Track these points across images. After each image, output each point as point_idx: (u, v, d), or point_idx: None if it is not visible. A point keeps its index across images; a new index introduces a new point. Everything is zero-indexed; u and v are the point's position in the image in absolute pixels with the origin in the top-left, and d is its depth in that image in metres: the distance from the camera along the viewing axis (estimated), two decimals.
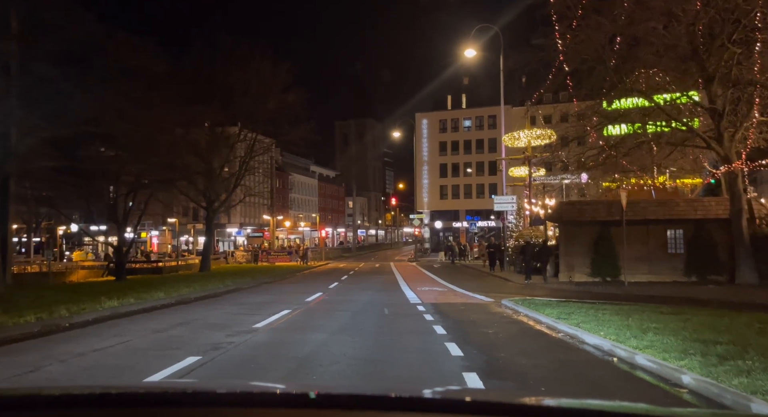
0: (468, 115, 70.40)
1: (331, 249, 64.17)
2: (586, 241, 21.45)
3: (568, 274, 21.81)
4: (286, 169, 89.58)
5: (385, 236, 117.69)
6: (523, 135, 28.02)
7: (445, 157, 70.76)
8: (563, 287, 19.75)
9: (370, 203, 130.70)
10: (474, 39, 32.56)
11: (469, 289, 18.23)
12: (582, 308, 11.14)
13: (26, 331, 8.92)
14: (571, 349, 7.80)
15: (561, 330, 9.00)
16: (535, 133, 27.69)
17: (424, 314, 11.61)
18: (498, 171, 66.92)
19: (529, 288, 19.73)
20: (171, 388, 1.81)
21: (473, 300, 15.08)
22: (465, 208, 69.30)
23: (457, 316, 11.54)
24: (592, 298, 14.27)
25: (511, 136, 28.52)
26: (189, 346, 7.89)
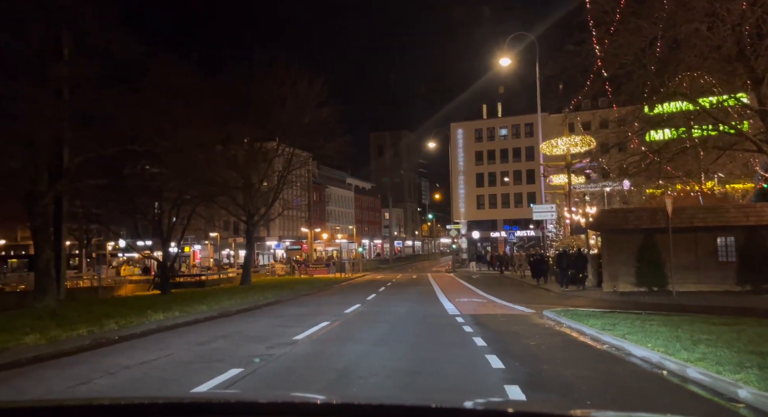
0: (504, 124, 69.72)
1: (368, 260, 64.29)
2: (629, 250, 20.81)
3: (612, 284, 21.18)
4: (322, 182, 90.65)
5: (422, 247, 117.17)
6: (561, 142, 27.53)
7: (481, 166, 70.17)
8: (607, 297, 19.18)
9: (406, 214, 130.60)
10: (509, 48, 32.36)
11: (509, 299, 17.91)
12: (627, 319, 10.77)
13: (78, 345, 9.24)
14: (617, 361, 7.54)
15: (606, 341, 8.72)
16: (574, 140, 27.15)
17: (463, 326, 11.46)
18: (539, 178, 65.97)
19: (570, 298, 19.23)
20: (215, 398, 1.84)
21: (514, 311, 14.80)
22: (503, 217, 68.38)
23: (498, 327, 11.34)
24: (637, 309, 13.79)
25: (548, 144, 28.06)
26: (231, 358, 8.01)
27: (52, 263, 18.01)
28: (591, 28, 19.05)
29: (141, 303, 17.18)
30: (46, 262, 17.38)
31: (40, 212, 16.88)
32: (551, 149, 28.57)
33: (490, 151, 69.83)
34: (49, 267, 17.52)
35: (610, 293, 20.50)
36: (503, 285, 26.73)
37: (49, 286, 17.33)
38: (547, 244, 29.92)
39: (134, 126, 19.19)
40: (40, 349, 8.66)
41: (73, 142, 17.75)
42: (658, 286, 20.03)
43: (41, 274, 17.41)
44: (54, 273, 18.16)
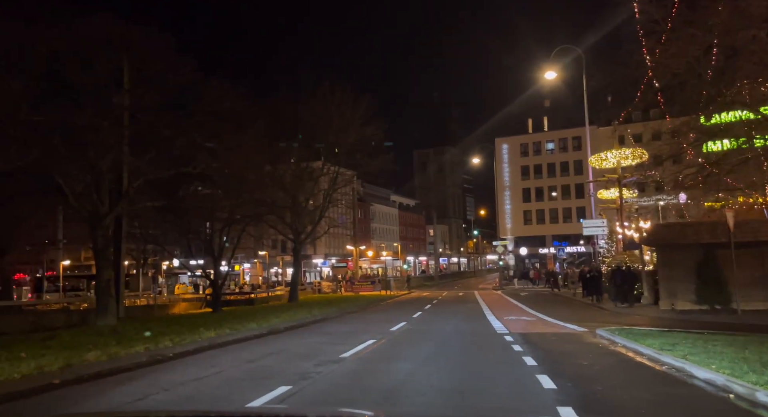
0: (550, 138, 68.53)
1: (413, 278, 64.00)
2: (687, 266, 19.87)
3: (670, 302, 20.24)
4: (366, 199, 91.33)
5: (468, 264, 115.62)
6: (611, 156, 26.76)
7: (527, 181, 69.02)
8: (665, 316, 18.33)
9: (451, 230, 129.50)
10: (554, 61, 31.96)
11: (560, 318, 17.39)
12: (688, 338, 10.25)
13: (136, 361, 9.59)
14: (677, 383, 7.17)
15: (665, 362, 8.32)
16: (625, 153, 26.34)
17: (513, 344, 11.20)
18: (587, 195, 64.22)
19: (625, 316, 18.50)
20: (265, 412, 1.88)
21: (565, 329, 14.35)
22: (551, 233, 66.80)
23: (548, 346, 11.02)
24: (699, 328, 13.10)
25: (597, 157, 27.32)
26: (279, 376, 8.11)
27: (112, 282, 18.85)
28: (641, 38, 18.61)
29: (194, 321, 17.67)
30: (106, 282, 18.21)
31: (101, 234, 17.74)
32: (600, 162, 27.79)
33: (536, 165, 68.65)
34: (109, 286, 18.34)
35: (668, 311, 19.60)
36: (553, 303, 25.99)
37: (109, 304, 18.12)
38: (598, 260, 28.95)
39: (189, 149, 20.06)
40: (101, 366, 9.03)
41: (132, 166, 18.65)
42: (721, 304, 19.01)
43: (102, 293, 18.24)
44: (114, 292, 19.00)
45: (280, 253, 70.31)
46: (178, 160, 19.97)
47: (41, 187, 17.61)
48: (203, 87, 20.42)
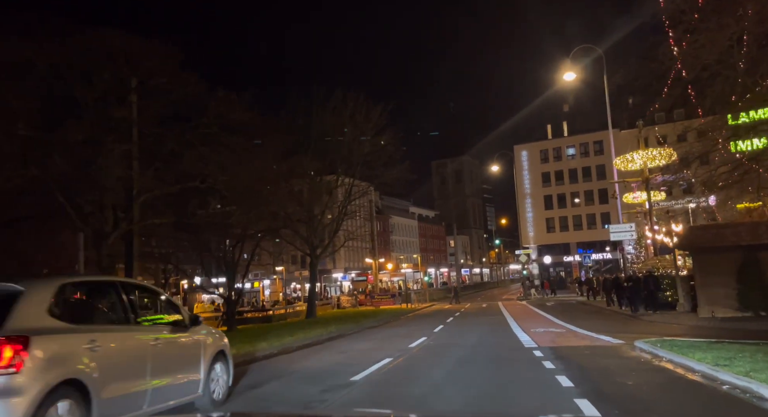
0: (571, 143, 66.99)
1: (434, 290, 62.66)
2: (727, 270, 18.50)
3: (709, 309, 18.85)
4: (385, 211, 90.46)
5: (490, 274, 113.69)
6: (637, 156, 25.48)
7: (549, 188, 67.45)
8: (705, 324, 16.99)
9: (472, 241, 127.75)
10: (573, 62, 30.87)
11: (591, 328, 16.16)
12: (744, 351, 9.05)
13: None
14: (746, 407, 6.05)
15: (725, 381, 7.18)
16: (652, 153, 25.05)
17: (543, 361, 10.10)
18: (611, 198, 62.35)
19: (661, 325, 17.20)
20: None
21: (599, 342, 13.17)
22: (576, 240, 64.98)
23: (583, 362, 9.90)
24: (748, 338, 11.82)
25: (623, 158, 26.05)
26: (279, 405, 7.20)
27: None
28: (667, 29, 17.55)
29: None
30: None
31: (106, 253, 17.14)
32: (626, 164, 26.52)
33: (557, 171, 67.09)
34: None
35: (708, 319, 18.22)
36: (582, 312, 24.65)
37: None
38: (629, 267, 27.54)
39: (196, 163, 19.46)
40: None
41: (137, 181, 18.09)
42: (765, 310, 17.61)
43: None
44: None
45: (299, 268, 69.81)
46: (185, 174, 19.36)
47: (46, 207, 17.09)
48: (209, 98, 19.85)
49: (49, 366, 4.19)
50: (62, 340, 4.48)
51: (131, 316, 5.56)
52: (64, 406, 4.23)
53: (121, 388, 4.94)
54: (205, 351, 6.49)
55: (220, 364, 6.94)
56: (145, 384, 5.30)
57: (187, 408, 6.07)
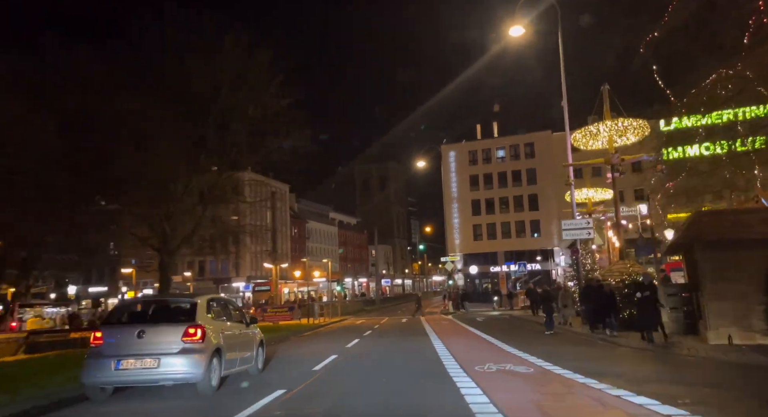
0: (501, 144, 62.41)
1: (350, 301, 55.40)
2: (751, 275, 12.65)
3: (725, 332, 12.87)
4: (302, 216, 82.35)
5: (413, 286, 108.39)
6: (603, 128, 19.63)
7: (477, 192, 62.33)
8: (728, 357, 10.95)
9: (395, 251, 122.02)
10: (521, 17, 24.75)
11: (578, 368, 9.45)
12: None
13: None
14: None
15: None
16: (622, 125, 19.26)
17: None
18: (544, 202, 58.23)
19: (675, 363, 10.92)
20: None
21: (627, 407, 6.36)
22: (503, 249, 60.07)
23: None
24: None
25: (585, 131, 20.13)
26: None
27: None
28: None
29: None
30: None
31: None
32: (587, 141, 20.61)
33: (486, 174, 62.21)
34: None
35: (725, 349, 12.25)
36: (527, 332, 18.33)
37: None
38: (581, 275, 21.61)
39: None
40: None
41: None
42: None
43: None
44: None
45: (197, 276, 60.43)
46: None
47: None
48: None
49: (211, 340, 8.37)
50: (214, 328, 8.68)
51: (233, 317, 10.03)
52: (215, 360, 8.43)
53: (232, 354, 9.11)
54: (256, 339, 10.64)
55: (261, 348, 11.02)
56: (239, 354, 9.52)
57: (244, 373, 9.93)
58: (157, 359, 7.82)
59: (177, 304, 9.27)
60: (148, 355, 7.84)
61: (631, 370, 9.69)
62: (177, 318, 8.54)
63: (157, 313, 9.03)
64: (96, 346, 8.10)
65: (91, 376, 7.91)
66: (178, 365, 7.84)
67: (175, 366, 7.83)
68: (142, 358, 7.82)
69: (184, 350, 7.90)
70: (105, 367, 7.81)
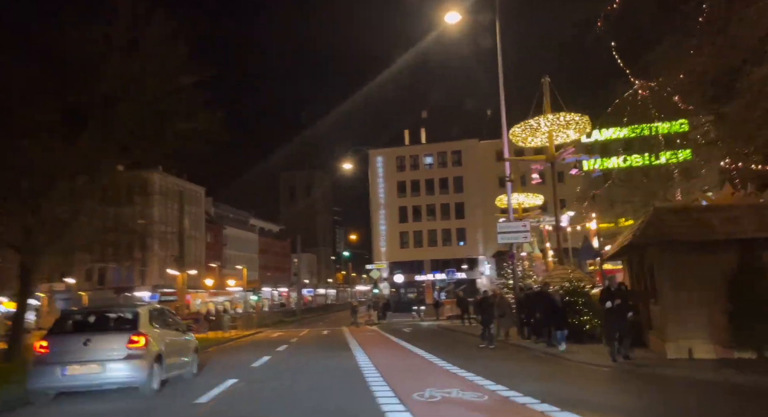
0: (429, 151, 61.39)
1: (269, 312, 51.81)
2: (713, 280, 11.31)
3: (685, 345, 11.46)
4: (219, 221, 77.33)
5: (337, 296, 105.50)
6: (544, 123, 18.20)
7: (404, 198, 60.82)
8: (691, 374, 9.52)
9: (319, 260, 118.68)
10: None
11: (543, 394, 7.38)
12: None
13: None
14: None
15: None
16: (565, 119, 17.91)
17: None
18: (470, 211, 57.67)
19: (630, 380, 9.24)
20: None
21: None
22: (429, 257, 58.80)
23: None
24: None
25: (525, 125, 18.60)
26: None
27: None
28: None
29: None
30: None
31: None
32: (526, 137, 19.12)
33: (414, 181, 60.87)
34: None
35: (684, 363, 10.88)
36: (461, 345, 16.40)
37: None
38: (518, 282, 20.08)
39: None
40: None
41: None
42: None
43: None
44: None
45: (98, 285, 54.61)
46: None
47: None
48: None
49: (152, 347, 8.88)
50: (155, 335, 9.19)
51: (172, 325, 10.60)
52: (157, 365, 8.94)
53: (171, 360, 9.67)
54: (191, 346, 11.35)
55: (196, 354, 11.61)
56: (177, 359, 10.13)
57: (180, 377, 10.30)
58: (102, 365, 8.41)
59: (120, 314, 9.65)
60: (93, 361, 8.41)
61: (612, 398, 7.77)
62: (121, 327, 9.10)
63: (102, 322, 9.42)
64: (42, 354, 8.49)
65: (37, 382, 8.39)
66: (123, 370, 8.45)
67: (119, 371, 8.45)
68: (88, 364, 8.40)
69: (128, 356, 8.50)
70: (51, 373, 8.32)
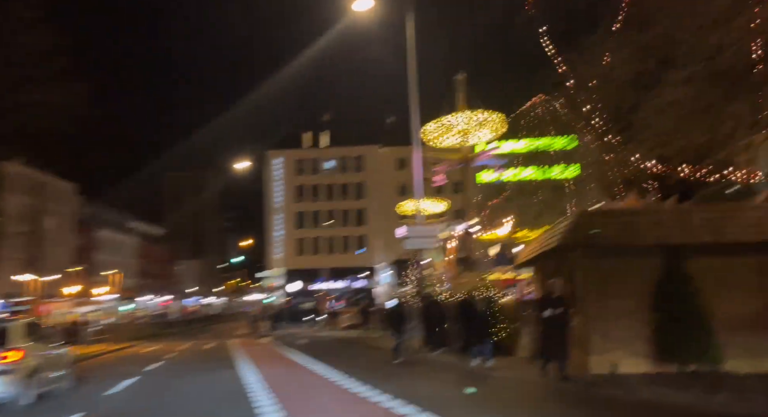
0: (331, 156, 59.51)
1: (145, 324, 46.68)
2: (639, 289, 10.58)
3: (608, 359, 10.57)
4: (93, 222, 69.38)
5: (226, 305, 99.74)
6: (459, 119, 17.08)
7: (303, 203, 58.27)
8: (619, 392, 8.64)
9: (207, 268, 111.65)
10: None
11: None
12: None
13: None
14: None
15: None
16: (480, 117, 16.91)
17: None
18: (371, 218, 56.45)
19: (558, 399, 8.06)
20: None
21: None
22: (327, 265, 56.69)
23: None
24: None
25: (438, 123, 17.26)
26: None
27: None
28: None
29: None
30: None
31: None
32: (439, 136, 17.92)
33: (314, 186, 58.57)
34: None
35: (610, 379, 10.03)
36: (371, 359, 14.66)
37: None
38: (420, 291, 18.78)
39: None
40: None
41: None
42: (704, 362, 10.10)
43: None
44: None
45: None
46: None
47: None
48: None
49: (28, 361, 9.18)
50: (30, 349, 9.40)
51: (47, 339, 11.07)
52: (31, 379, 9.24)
53: (46, 373, 9.87)
54: (66, 360, 11.49)
55: (73, 367, 11.94)
56: (54, 372, 10.33)
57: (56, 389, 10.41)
58: None
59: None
60: None
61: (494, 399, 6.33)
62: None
63: None
64: None
65: None
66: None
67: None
68: None
69: (1, 372, 8.72)
70: None
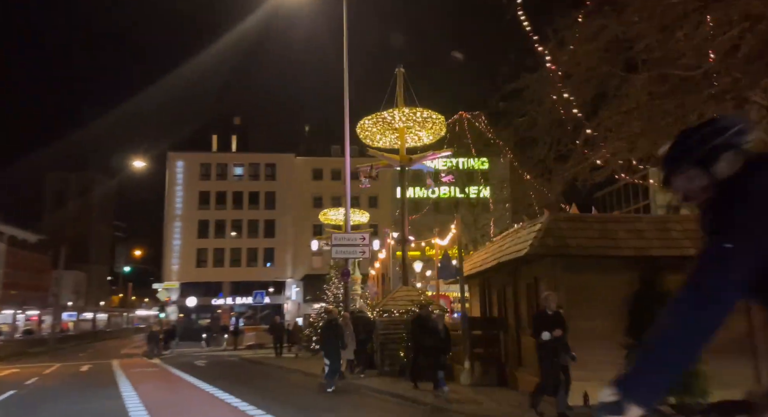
0: (240, 161, 55.69)
1: (8, 341, 40.01)
2: (611, 307, 9.32)
3: (580, 385, 9.14)
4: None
5: (109, 321, 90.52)
6: (398, 117, 15.39)
7: (206, 211, 53.77)
8: None
9: (92, 280, 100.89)
10: None
11: None
12: None
13: None
14: None
15: None
16: (421, 116, 15.33)
17: None
18: (281, 229, 53.19)
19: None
20: None
21: None
22: (231, 278, 52.52)
23: None
24: None
25: (376, 118, 15.50)
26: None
27: None
28: None
29: None
30: None
31: None
32: (376, 133, 16.13)
33: (220, 193, 54.31)
34: None
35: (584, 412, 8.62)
36: (291, 386, 12.26)
37: None
38: (350, 305, 16.71)
39: None
40: None
41: None
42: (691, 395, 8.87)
43: None
44: None
45: None
46: None
47: None
48: None
49: None
50: None
51: None
52: None
53: None
54: None
55: None
56: None
57: None
58: None
59: None
60: None
61: None
62: None
63: None
64: None
65: None
66: None
67: None
68: None
69: None
70: None
